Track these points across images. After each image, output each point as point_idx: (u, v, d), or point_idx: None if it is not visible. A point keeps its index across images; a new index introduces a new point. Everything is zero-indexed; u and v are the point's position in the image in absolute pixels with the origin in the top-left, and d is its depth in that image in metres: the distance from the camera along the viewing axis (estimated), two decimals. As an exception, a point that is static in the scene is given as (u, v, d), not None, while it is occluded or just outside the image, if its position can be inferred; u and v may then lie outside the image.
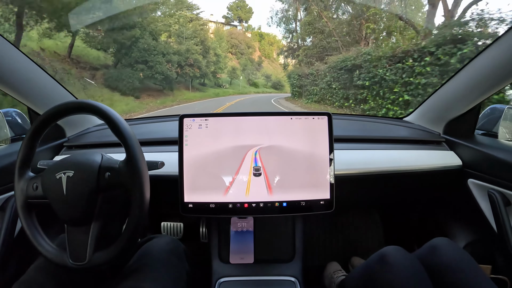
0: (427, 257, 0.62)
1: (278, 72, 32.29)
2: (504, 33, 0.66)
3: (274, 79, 31.58)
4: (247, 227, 0.82)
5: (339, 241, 1.22)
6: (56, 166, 0.54)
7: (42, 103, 0.80)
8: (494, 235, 0.75)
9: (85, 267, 0.52)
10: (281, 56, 31.93)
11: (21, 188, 0.56)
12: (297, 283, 0.76)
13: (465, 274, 0.57)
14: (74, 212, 0.53)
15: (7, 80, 0.70)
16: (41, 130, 0.56)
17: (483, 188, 0.78)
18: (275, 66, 35.72)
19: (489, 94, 0.76)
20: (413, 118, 1.07)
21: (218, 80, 21.60)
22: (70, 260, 0.53)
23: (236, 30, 37.76)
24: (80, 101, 0.56)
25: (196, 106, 11.61)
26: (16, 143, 0.84)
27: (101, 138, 0.91)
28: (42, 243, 0.55)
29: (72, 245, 0.54)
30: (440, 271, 0.59)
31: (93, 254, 0.52)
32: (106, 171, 0.54)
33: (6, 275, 0.70)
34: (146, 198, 0.52)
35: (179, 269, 0.64)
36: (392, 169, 0.82)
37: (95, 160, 0.55)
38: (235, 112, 0.70)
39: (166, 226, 1.12)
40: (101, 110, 0.54)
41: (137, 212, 0.51)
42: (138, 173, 0.52)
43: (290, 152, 0.69)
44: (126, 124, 0.54)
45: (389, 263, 0.58)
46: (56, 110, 0.55)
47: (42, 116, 0.56)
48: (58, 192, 0.52)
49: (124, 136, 0.53)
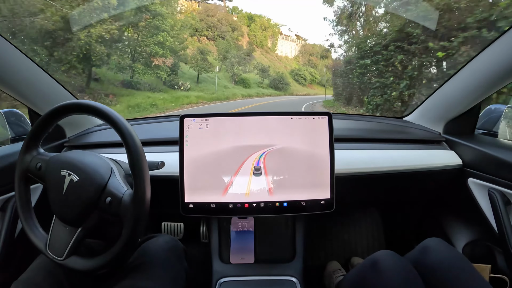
0: (419, 258, 0.62)
1: (277, 66, 24.07)
2: (504, 32, 0.66)
3: (274, 74, 20.36)
4: (247, 227, 0.82)
5: (340, 241, 1.22)
6: (64, 162, 0.54)
7: (43, 104, 0.80)
8: (494, 235, 0.75)
9: (59, 263, 0.53)
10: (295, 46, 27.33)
11: (25, 160, 0.56)
12: (298, 283, 0.76)
13: (457, 273, 0.57)
14: (67, 213, 0.53)
15: (7, 80, 0.70)
16: (59, 115, 0.56)
17: (483, 188, 0.78)
18: (271, 58, 25.70)
19: (489, 93, 0.77)
20: (413, 118, 1.07)
21: (172, 75, 10.83)
22: (48, 249, 0.53)
23: (214, 6, 23.60)
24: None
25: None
26: (16, 143, 0.83)
27: (102, 138, 0.91)
28: (30, 221, 0.56)
29: (55, 237, 0.54)
30: (432, 272, 0.58)
31: (70, 256, 0.53)
32: (109, 195, 0.52)
33: (6, 276, 0.70)
34: (136, 238, 0.51)
35: (178, 268, 0.64)
36: (392, 169, 0.82)
37: (102, 176, 0.53)
38: (236, 112, 0.70)
39: (167, 226, 1.12)
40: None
41: (124, 246, 0.50)
42: (138, 214, 0.50)
43: (290, 152, 0.69)
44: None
45: (381, 269, 0.58)
46: (76, 103, 0.55)
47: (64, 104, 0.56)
48: (57, 188, 0.52)
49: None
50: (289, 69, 25.87)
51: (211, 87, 13.36)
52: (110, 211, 0.52)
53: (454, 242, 0.88)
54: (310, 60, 28.91)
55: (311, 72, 27.24)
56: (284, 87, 19.53)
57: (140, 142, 0.53)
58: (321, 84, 24.93)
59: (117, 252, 0.51)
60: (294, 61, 28.58)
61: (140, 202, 0.50)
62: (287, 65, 26.64)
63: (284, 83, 19.79)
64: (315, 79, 26.82)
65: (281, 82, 19.59)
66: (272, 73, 20.44)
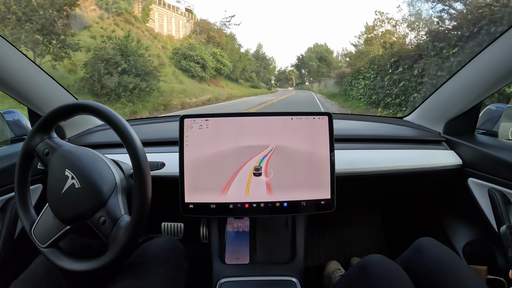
0: (412, 259, 0.62)
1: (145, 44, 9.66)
2: (504, 32, 0.66)
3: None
4: (243, 228, 0.83)
5: (340, 241, 1.22)
6: (72, 162, 0.53)
7: (42, 104, 0.79)
8: (494, 235, 0.75)
9: (40, 250, 0.53)
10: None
11: (34, 141, 0.56)
12: (298, 283, 0.76)
13: (449, 272, 0.57)
14: (59, 210, 0.53)
15: (7, 81, 0.70)
16: (73, 112, 0.56)
17: (483, 188, 0.78)
18: (139, 33, 11.92)
19: (489, 93, 0.77)
20: (413, 118, 1.07)
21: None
22: (33, 231, 0.54)
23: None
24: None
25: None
26: (16, 144, 0.83)
27: (102, 139, 0.91)
28: (24, 200, 0.56)
29: (42, 223, 0.54)
30: (424, 272, 0.58)
31: (50, 247, 0.53)
32: (105, 216, 0.50)
33: (6, 276, 0.70)
34: (119, 260, 0.50)
35: (177, 268, 0.64)
36: (392, 169, 0.82)
37: (105, 193, 0.52)
38: (236, 113, 0.70)
39: (167, 226, 1.12)
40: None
41: (108, 260, 0.50)
42: (128, 244, 0.49)
43: (290, 152, 0.69)
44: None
45: (368, 274, 0.57)
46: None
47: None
48: (57, 184, 0.52)
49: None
50: (171, 50, 13.51)
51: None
52: (101, 231, 0.51)
53: (454, 242, 0.88)
54: (211, 38, 16.44)
55: (216, 55, 15.20)
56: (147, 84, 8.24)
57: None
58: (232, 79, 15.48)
59: (96, 266, 0.50)
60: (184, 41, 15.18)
61: (133, 233, 0.49)
62: (167, 45, 13.94)
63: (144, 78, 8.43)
64: (224, 69, 15.53)
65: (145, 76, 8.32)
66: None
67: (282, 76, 36.30)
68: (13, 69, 0.70)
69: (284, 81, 36.62)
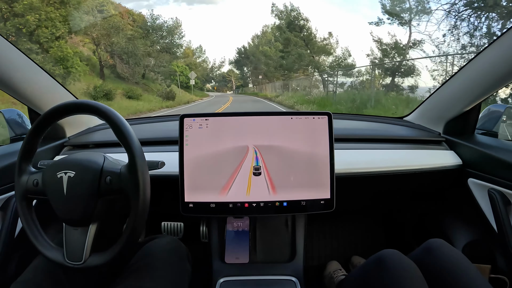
0: (423, 259, 0.62)
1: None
2: (504, 33, 0.66)
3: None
4: (242, 227, 0.83)
5: (340, 241, 1.22)
6: (58, 165, 0.54)
7: (42, 103, 0.80)
8: (494, 235, 0.75)
9: (81, 267, 0.52)
10: None
11: (22, 183, 0.56)
12: (298, 283, 0.76)
13: (460, 275, 0.57)
14: (73, 212, 0.53)
15: (7, 80, 0.70)
16: (43, 127, 0.56)
17: (483, 188, 0.78)
18: None
19: (489, 93, 0.76)
20: (413, 118, 1.07)
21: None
22: (66, 259, 0.53)
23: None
24: (82, 101, 0.56)
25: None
26: (16, 143, 0.83)
27: (102, 138, 0.91)
28: (40, 239, 0.55)
29: (70, 244, 0.54)
30: (436, 273, 0.58)
31: (90, 256, 0.53)
32: (108, 175, 0.53)
33: (6, 276, 0.70)
34: (146, 204, 0.52)
35: (180, 269, 0.64)
36: (392, 169, 0.82)
37: (97, 162, 0.55)
38: (236, 112, 0.70)
39: (167, 226, 1.12)
40: (101, 110, 0.54)
41: (136, 218, 0.51)
42: (139, 179, 0.51)
43: (290, 151, 0.69)
44: (128, 124, 0.54)
45: (386, 267, 0.58)
46: (59, 107, 0.55)
47: (44, 113, 0.56)
48: (58, 191, 0.52)
49: (126, 137, 0.53)
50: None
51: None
52: (113, 189, 0.53)
53: (454, 242, 0.88)
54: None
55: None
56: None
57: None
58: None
59: (132, 227, 0.51)
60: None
61: (138, 168, 0.51)
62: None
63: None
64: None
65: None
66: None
67: (219, 78, 31.91)
68: (13, 68, 0.70)
69: (222, 83, 32.69)
